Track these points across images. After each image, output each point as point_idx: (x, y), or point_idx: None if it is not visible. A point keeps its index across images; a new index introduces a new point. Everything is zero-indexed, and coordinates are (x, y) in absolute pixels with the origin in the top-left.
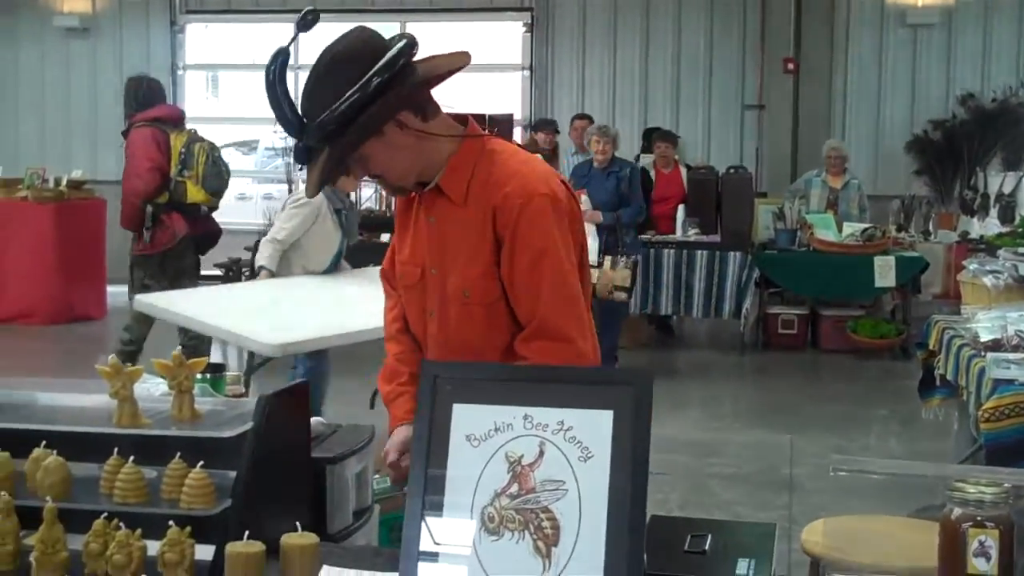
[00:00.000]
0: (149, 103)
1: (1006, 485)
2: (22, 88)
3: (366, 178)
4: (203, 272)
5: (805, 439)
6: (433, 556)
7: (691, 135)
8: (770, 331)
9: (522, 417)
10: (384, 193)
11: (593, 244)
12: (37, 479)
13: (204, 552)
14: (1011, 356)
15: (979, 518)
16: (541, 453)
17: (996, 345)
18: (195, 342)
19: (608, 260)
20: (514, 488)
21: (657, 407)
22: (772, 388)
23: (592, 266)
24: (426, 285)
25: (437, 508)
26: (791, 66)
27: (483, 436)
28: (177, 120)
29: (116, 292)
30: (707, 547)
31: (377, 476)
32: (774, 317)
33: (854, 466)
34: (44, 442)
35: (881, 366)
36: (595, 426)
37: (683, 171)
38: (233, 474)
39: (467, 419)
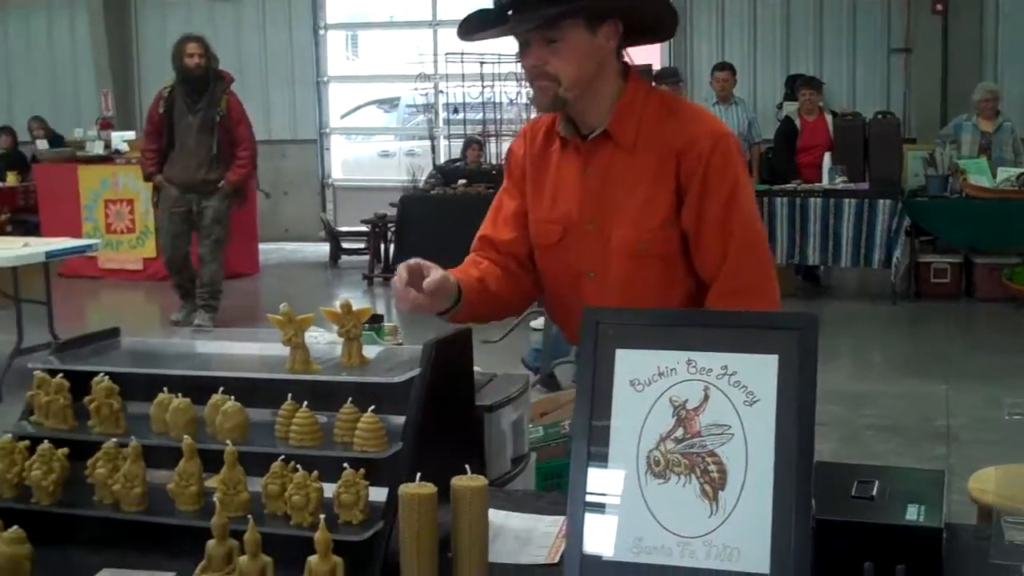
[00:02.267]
0: None
1: None
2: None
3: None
4: (350, 228)
5: (960, 390)
6: (599, 499)
7: (835, 81)
8: (922, 280)
9: (685, 362)
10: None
11: None
12: (216, 424)
13: (376, 494)
14: None
15: None
16: (706, 398)
17: None
18: None
19: None
20: (679, 432)
21: None
22: (925, 338)
23: None
24: (578, 242)
25: (602, 452)
26: (939, 7)
27: (647, 381)
28: None
29: (268, 249)
30: (874, 493)
31: (531, 425)
32: (926, 266)
33: None
34: (221, 388)
35: None
36: (760, 371)
37: (828, 118)
38: (401, 419)
39: (630, 364)
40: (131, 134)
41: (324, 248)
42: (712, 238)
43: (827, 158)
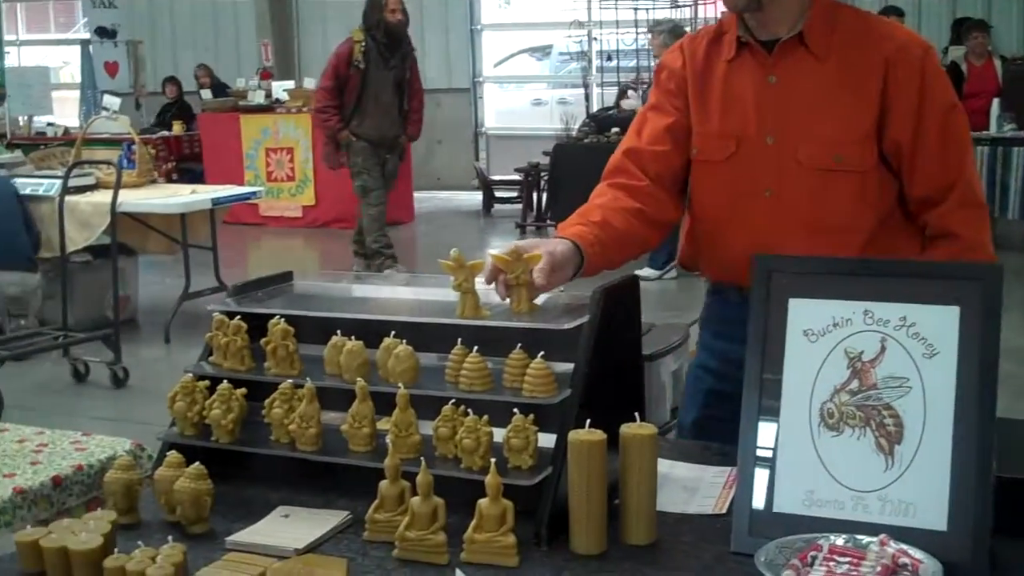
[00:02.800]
0: None
1: None
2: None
3: None
4: (503, 177)
5: None
6: (770, 450)
7: (1004, 25)
8: None
9: (862, 312)
10: None
11: None
12: (388, 367)
13: (544, 440)
14: None
15: None
16: (883, 349)
17: None
18: None
19: None
20: (854, 384)
21: None
22: None
23: None
24: (752, 158)
25: (774, 404)
26: None
27: (821, 331)
28: None
29: (422, 198)
30: None
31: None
32: None
33: None
34: (393, 332)
35: None
36: (940, 322)
37: (997, 63)
38: (569, 366)
39: (804, 314)
40: (290, 83)
41: (477, 197)
42: (936, 149)
43: (995, 105)
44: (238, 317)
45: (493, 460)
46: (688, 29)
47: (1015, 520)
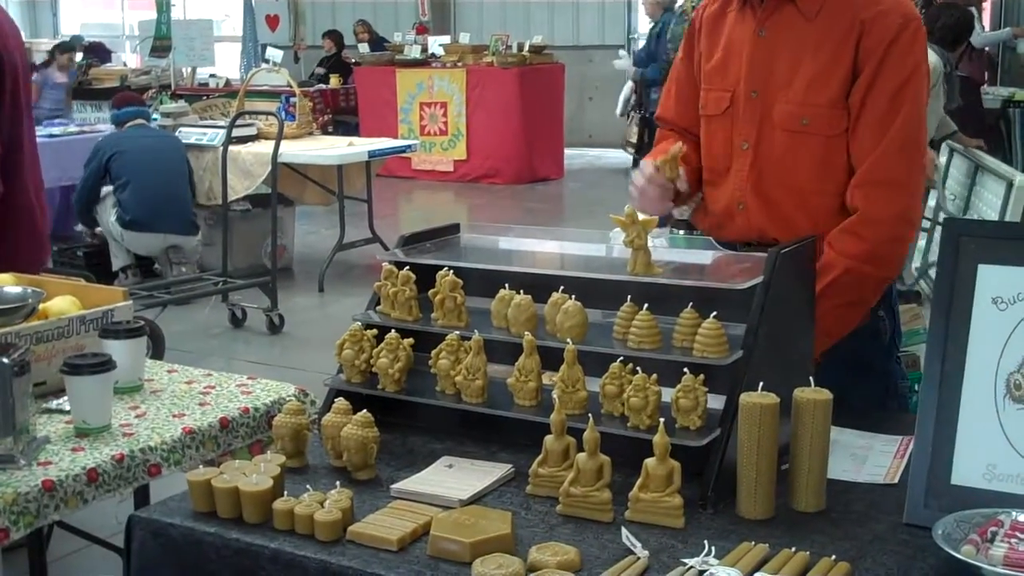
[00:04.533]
0: None
1: None
2: None
3: None
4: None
5: None
6: (952, 421)
7: None
8: None
9: None
10: None
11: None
12: (556, 322)
13: (714, 401)
14: None
15: None
16: None
17: None
18: None
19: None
20: None
21: None
22: None
23: None
24: (739, 111)
25: (958, 373)
26: None
27: (1011, 299)
28: None
29: (572, 155)
30: None
31: None
32: None
33: None
34: (562, 287)
35: None
36: None
37: None
38: (741, 326)
39: (994, 281)
40: (446, 38)
41: (626, 156)
42: (871, 122)
43: None
44: (407, 268)
45: (661, 420)
46: None
47: None
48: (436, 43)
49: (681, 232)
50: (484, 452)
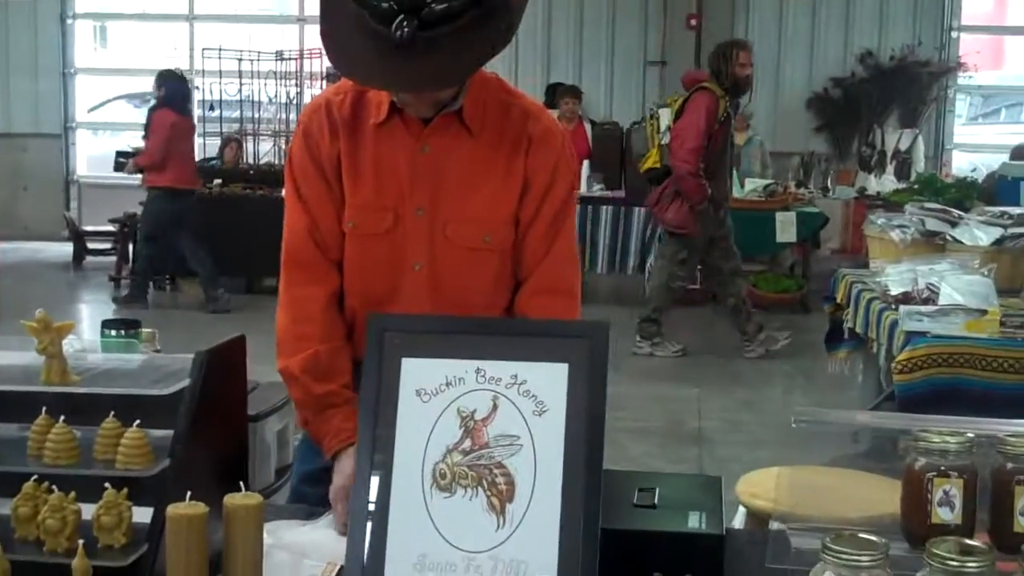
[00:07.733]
0: None
1: (969, 435)
2: None
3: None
4: (96, 228)
5: (711, 393)
6: (382, 514)
7: (593, 91)
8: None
9: (474, 371)
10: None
11: None
12: None
13: (140, 515)
14: (923, 309)
15: (943, 468)
16: (495, 407)
17: (906, 298)
18: None
19: None
20: (467, 444)
21: None
22: (676, 343)
23: None
24: (406, 231)
25: (386, 465)
26: (693, 22)
27: (434, 391)
28: None
29: (5, 249)
30: (656, 501)
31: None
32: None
33: (815, 417)
34: None
35: (782, 320)
36: (550, 379)
37: (587, 127)
38: (167, 433)
39: (417, 373)
40: None
41: (67, 248)
42: (541, 233)
43: (586, 166)
44: None
45: (81, 541)
46: (294, 83)
47: (620, 571)
48: None
49: (113, 332)
50: None
